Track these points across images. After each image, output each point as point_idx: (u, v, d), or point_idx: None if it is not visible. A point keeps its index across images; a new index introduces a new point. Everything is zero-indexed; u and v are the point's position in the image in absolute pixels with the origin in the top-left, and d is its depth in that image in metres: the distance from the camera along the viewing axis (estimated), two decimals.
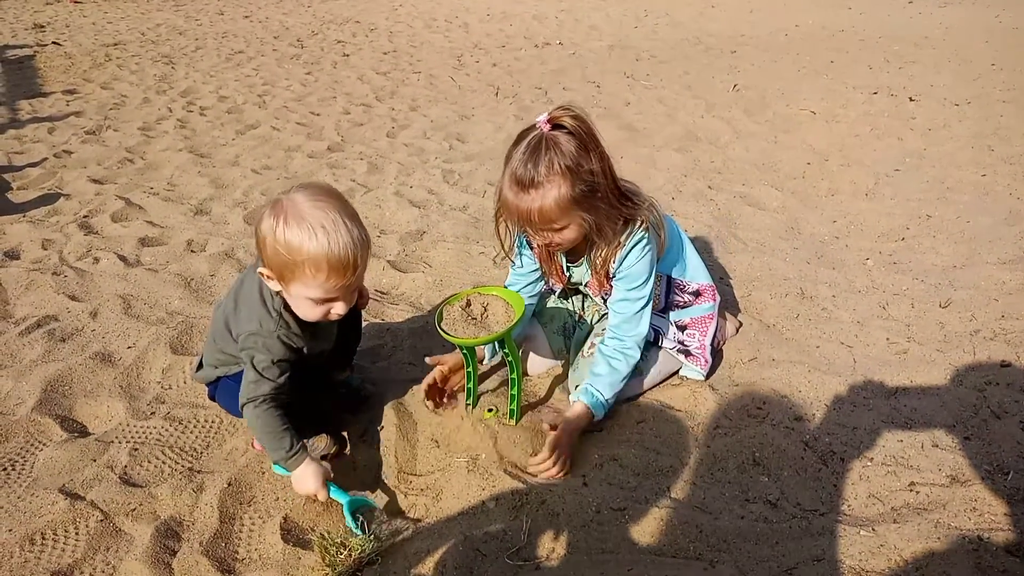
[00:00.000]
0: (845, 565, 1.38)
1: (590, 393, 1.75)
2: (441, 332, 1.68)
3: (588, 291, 1.93)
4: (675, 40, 7.74)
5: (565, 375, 2.04)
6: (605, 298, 1.86)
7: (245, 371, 1.53)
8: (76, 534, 1.52)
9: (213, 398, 1.81)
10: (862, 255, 2.83)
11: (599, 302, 1.94)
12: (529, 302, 1.93)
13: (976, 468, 1.64)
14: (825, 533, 1.47)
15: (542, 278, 1.95)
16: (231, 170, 3.91)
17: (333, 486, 1.56)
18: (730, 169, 3.85)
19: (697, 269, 2.02)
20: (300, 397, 1.62)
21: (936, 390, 1.94)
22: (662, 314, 1.98)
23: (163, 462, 1.73)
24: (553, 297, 2.09)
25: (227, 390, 1.69)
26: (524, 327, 2.02)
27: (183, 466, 1.72)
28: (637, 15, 9.50)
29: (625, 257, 1.73)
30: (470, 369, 1.81)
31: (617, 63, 6.63)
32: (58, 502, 1.59)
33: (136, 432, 1.84)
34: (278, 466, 1.63)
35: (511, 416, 1.81)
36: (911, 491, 1.59)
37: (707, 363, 1.98)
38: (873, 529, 1.46)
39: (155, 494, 1.62)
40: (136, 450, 1.76)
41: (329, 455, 1.76)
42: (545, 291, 2.06)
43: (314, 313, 1.48)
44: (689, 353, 1.97)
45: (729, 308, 2.36)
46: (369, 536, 1.46)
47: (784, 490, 1.61)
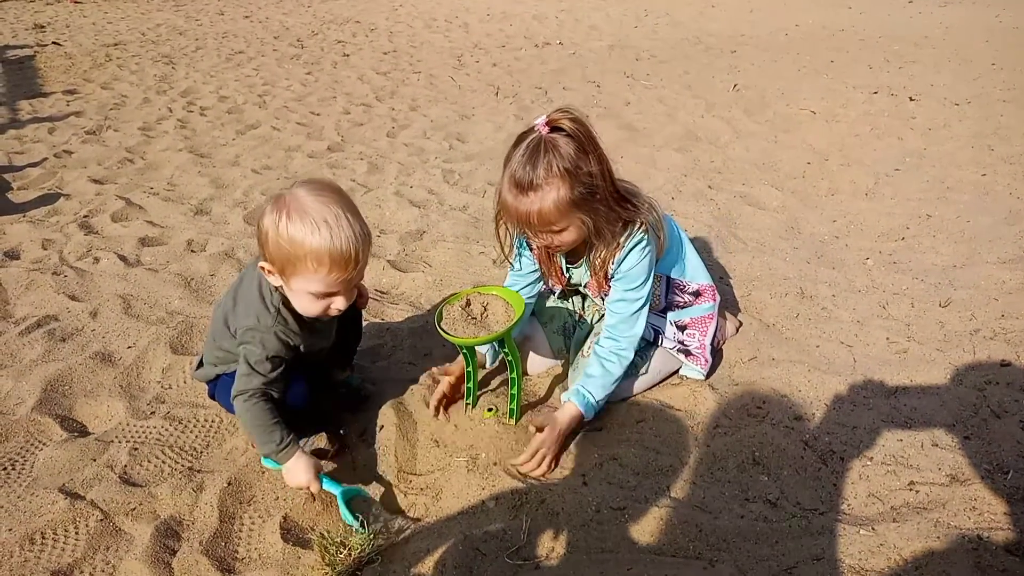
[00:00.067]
0: (845, 564, 1.38)
1: (581, 394, 1.75)
2: (441, 332, 1.69)
3: (588, 292, 1.93)
4: (675, 40, 7.74)
5: (565, 375, 2.05)
6: (604, 298, 1.86)
7: (239, 365, 1.54)
8: (76, 534, 1.52)
9: (213, 396, 1.81)
10: (862, 255, 2.83)
11: (599, 302, 1.94)
12: (528, 302, 1.93)
13: (976, 467, 1.64)
14: (825, 532, 1.47)
15: (541, 279, 1.95)
16: (231, 170, 3.91)
17: (325, 478, 1.56)
18: (730, 169, 3.85)
19: (697, 269, 2.02)
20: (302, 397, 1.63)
21: (936, 389, 1.94)
22: (662, 314, 1.98)
23: (163, 462, 1.74)
24: (553, 297, 2.09)
25: (226, 387, 1.68)
26: (524, 327, 2.02)
27: (183, 465, 1.73)
28: (637, 15, 9.50)
29: (624, 258, 1.73)
30: (470, 369, 1.81)
31: (617, 63, 6.63)
32: (58, 502, 1.59)
33: (136, 432, 1.84)
34: (268, 459, 1.63)
35: (511, 416, 1.81)
36: (911, 490, 1.59)
37: (707, 363, 1.98)
38: (873, 528, 1.46)
39: (155, 493, 1.62)
40: (136, 450, 1.76)
41: (329, 454, 1.77)
42: (545, 291, 2.06)
43: (314, 308, 1.49)
44: (689, 353, 1.97)
45: (729, 308, 2.36)
46: (368, 533, 1.46)
47: (784, 489, 1.61)
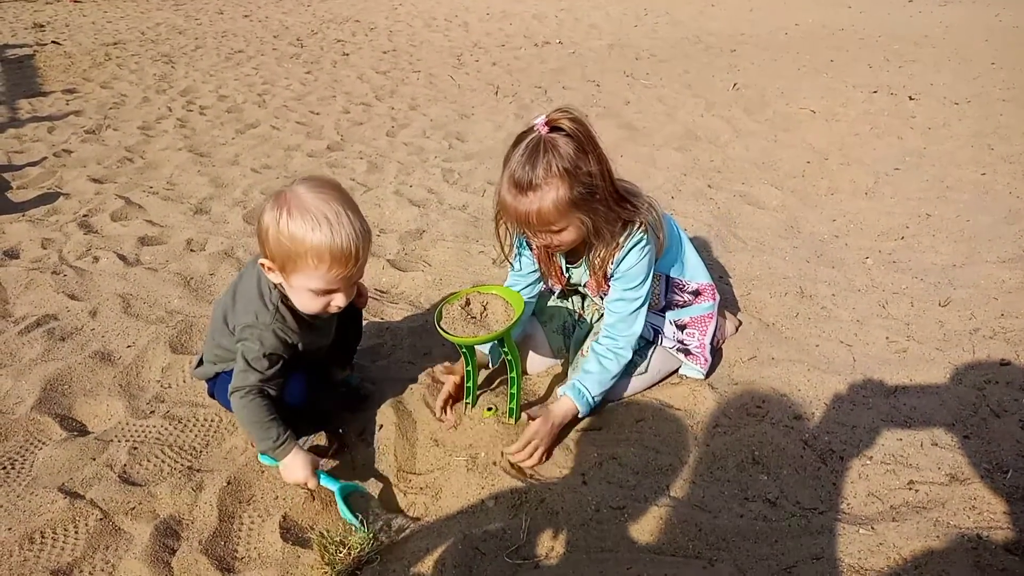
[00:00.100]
0: (844, 563, 1.38)
1: (577, 389, 1.75)
2: (440, 331, 1.68)
3: (587, 291, 1.93)
4: (675, 39, 7.74)
5: (565, 374, 2.04)
6: (603, 298, 1.86)
7: (236, 361, 1.54)
8: (75, 533, 1.52)
9: (212, 395, 1.81)
10: (862, 254, 2.83)
11: (598, 301, 1.94)
12: (528, 302, 1.93)
13: (975, 466, 1.64)
14: (824, 531, 1.47)
15: (541, 280, 1.95)
16: (231, 169, 3.91)
17: (323, 474, 1.56)
18: (730, 168, 3.85)
19: (696, 268, 2.02)
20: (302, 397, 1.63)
21: (935, 388, 1.94)
22: (661, 313, 1.98)
23: (162, 461, 1.74)
24: (553, 296, 2.09)
25: (225, 386, 1.68)
26: (524, 326, 2.02)
27: (182, 465, 1.73)
28: (637, 14, 9.50)
29: (623, 258, 1.73)
30: (469, 368, 1.81)
31: (617, 62, 6.63)
32: (57, 501, 1.59)
33: (135, 431, 1.84)
34: (265, 456, 1.62)
35: (511, 415, 1.81)
36: (910, 489, 1.59)
37: (707, 362, 1.98)
38: (872, 527, 1.46)
39: (154, 493, 1.62)
40: (135, 449, 1.76)
41: (328, 452, 1.77)
42: (545, 291, 2.06)
43: (314, 305, 1.49)
44: (689, 352, 1.97)
45: (729, 307, 2.36)
46: (368, 532, 1.46)
47: (783, 488, 1.61)
